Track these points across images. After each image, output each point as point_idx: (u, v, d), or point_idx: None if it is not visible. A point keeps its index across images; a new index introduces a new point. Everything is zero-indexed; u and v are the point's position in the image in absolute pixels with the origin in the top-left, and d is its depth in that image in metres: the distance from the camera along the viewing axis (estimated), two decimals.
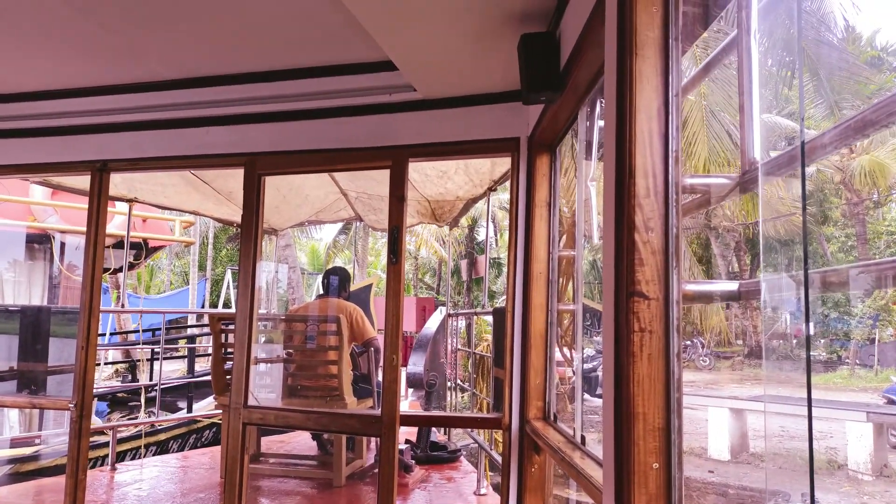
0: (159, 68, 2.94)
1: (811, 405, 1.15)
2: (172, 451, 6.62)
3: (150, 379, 8.99)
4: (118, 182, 4.33)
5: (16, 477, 5.14)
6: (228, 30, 2.55)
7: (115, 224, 7.04)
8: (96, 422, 6.82)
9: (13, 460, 5.33)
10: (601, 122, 2.01)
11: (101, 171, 3.24)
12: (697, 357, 18.78)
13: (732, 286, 1.35)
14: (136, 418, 7.93)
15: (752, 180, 1.33)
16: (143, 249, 8.39)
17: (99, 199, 3.24)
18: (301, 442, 5.33)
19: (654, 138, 1.33)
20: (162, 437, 6.69)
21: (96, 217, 3.24)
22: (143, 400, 7.47)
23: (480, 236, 24.38)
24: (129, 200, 4.67)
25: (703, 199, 1.41)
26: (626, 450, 1.30)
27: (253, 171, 3.01)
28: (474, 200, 4.50)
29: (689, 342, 19.23)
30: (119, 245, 7.39)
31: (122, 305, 6.01)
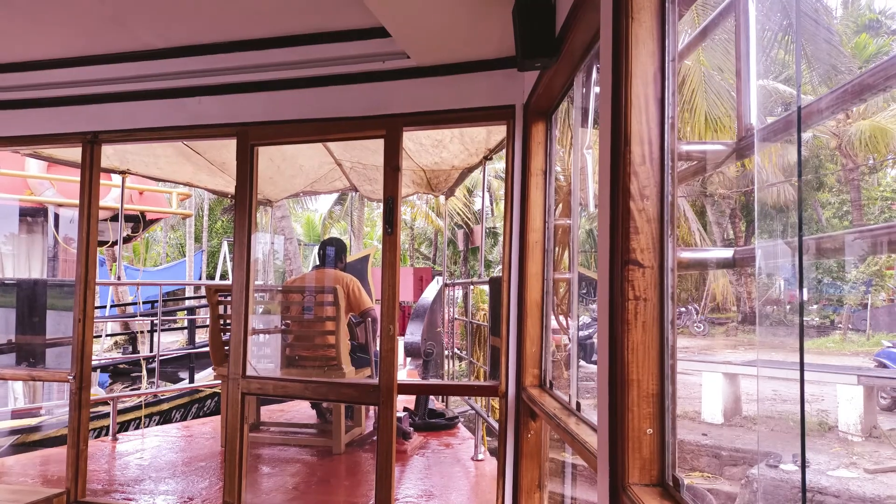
0: (149, 37, 2.89)
1: (803, 369, 1.16)
2: (175, 421, 6.69)
3: (151, 350, 9.05)
4: (110, 154, 4.29)
5: (21, 447, 5.19)
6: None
7: (113, 197, 7.03)
8: (99, 392, 6.89)
9: (17, 431, 5.39)
10: (597, 89, 1.99)
11: (91, 142, 3.21)
12: (692, 323, 18.93)
13: (727, 253, 1.35)
14: (138, 389, 8.00)
15: (748, 146, 1.32)
16: (140, 222, 8.38)
17: (91, 171, 3.21)
18: (300, 411, 5.39)
19: (650, 104, 1.31)
20: (165, 406, 6.75)
21: (89, 189, 3.22)
22: (144, 371, 7.53)
23: (476, 206, 24.33)
24: (122, 172, 4.63)
25: (699, 167, 1.41)
26: (620, 416, 1.31)
27: (245, 141, 2.98)
28: (470, 169, 4.48)
29: (683, 309, 19.37)
30: (116, 218, 7.37)
31: (119, 278, 6.01)
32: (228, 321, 4.18)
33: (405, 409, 4.81)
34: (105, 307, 11.17)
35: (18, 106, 3.30)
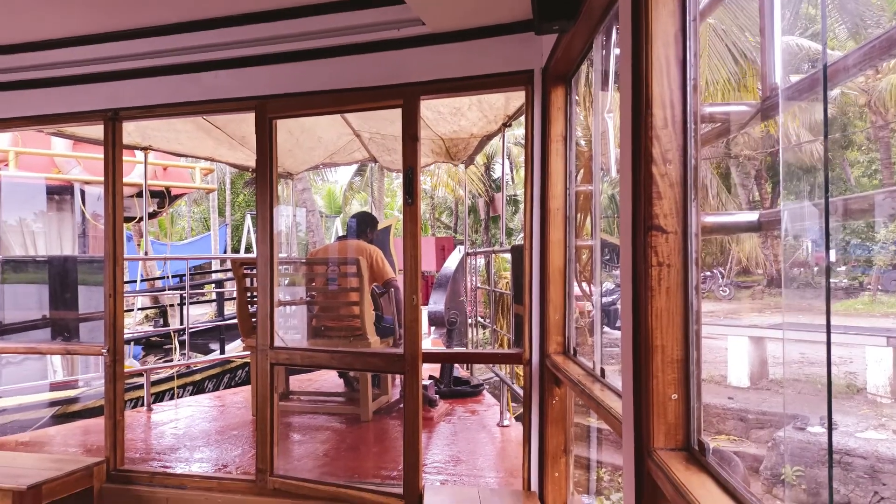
0: (165, 12, 2.88)
1: (830, 330, 1.14)
2: (208, 391, 6.88)
3: (181, 323, 9.26)
4: (132, 130, 4.33)
5: (62, 418, 5.38)
6: None
7: (138, 173, 7.13)
8: (133, 364, 7.09)
9: (56, 403, 5.58)
10: (617, 51, 1.95)
11: (112, 119, 3.24)
12: (717, 287, 18.75)
13: (752, 217, 1.33)
14: (170, 361, 8.20)
15: (772, 107, 1.29)
16: (165, 198, 8.50)
17: (114, 148, 3.25)
18: (328, 380, 5.48)
19: (671, 66, 1.29)
20: (198, 377, 6.94)
21: (112, 166, 3.26)
22: (175, 343, 7.71)
23: (496, 173, 24.17)
24: (144, 148, 4.68)
25: (723, 128, 1.38)
26: (644, 382, 1.32)
27: (264, 114, 2.98)
28: (489, 137, 4.44)
29: (708, 273, 19.18)
30: (142, 194, 7.50)
31: (146, 253, 6.11)
32: (255, 293, 4.26)
33: (430, 377, 4.87)
34: (135, 281, 11.43)
35: (41, 85, 3.33)
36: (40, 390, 5.82)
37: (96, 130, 3.64)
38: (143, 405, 4.84)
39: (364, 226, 4.65)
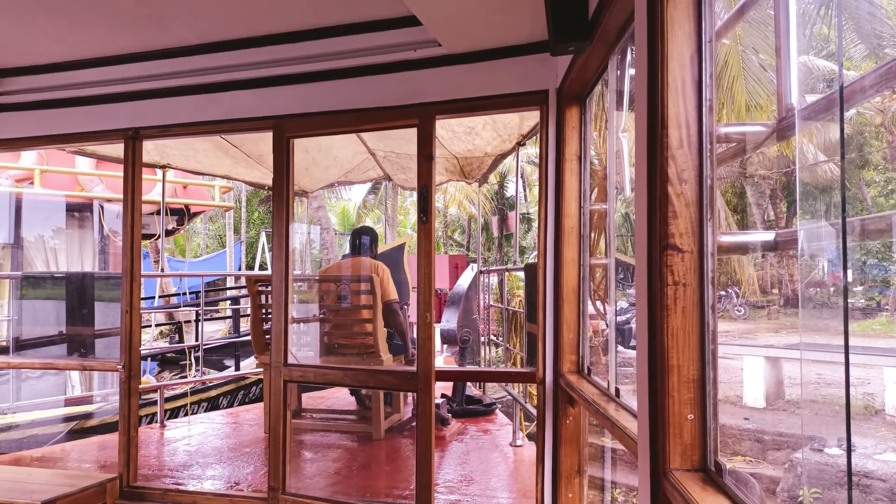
0: (185, 34, 2.95)
1: (848, 351, 1.14)
2: (222, 407, 6.90)
3: (196, 339, 9.35)
4: (150, 149, 4.40)
5: (79, 433, 5.41)
6: None
7: (158, 191, 7.28)
8: (150, 381, 7.13)
9: (72, 418, 5.61)
10: (632, 71, 1.97)
11: (133, 138, 3.29)
12: (732, 307, 18.58)
13: (769, 236, 1.33)
14: (185, 377, 8.24)
15: (789, 127, 1.29)
16: (185, 215, 8.61)
17: (133, 167, 3.30)
18: (340, 398, 5.48)
19: (687, 86, 1.30)
20: (213, 393, 6.96)
21: (132, 184, 3.31)
22: (191, 359, 7.75)
23: (510, 192, 24.20)
24: (163, 167, 4.75)
25: (739, 148, 1.38)
26: (660, 401, 1.31)
27: (281, 133, 3.03)
28: (503, 156, 4.46)
29: (723, 292, 19.02)
30: (162, 211, 7.64)
31: (162, 270, 6.18)
32: (268, 310, 4.28)
33: (443, 396, 4.86)
34: (152, 298, 11.53)
35: (63, 105, 3.41)
36: (58, 405, 5.87)
37: (117, 149, 3.71)
38: (157, 421, 4.85)
39: (373, 242, 4.67)
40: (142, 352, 6.48)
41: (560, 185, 2.62)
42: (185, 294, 12.67)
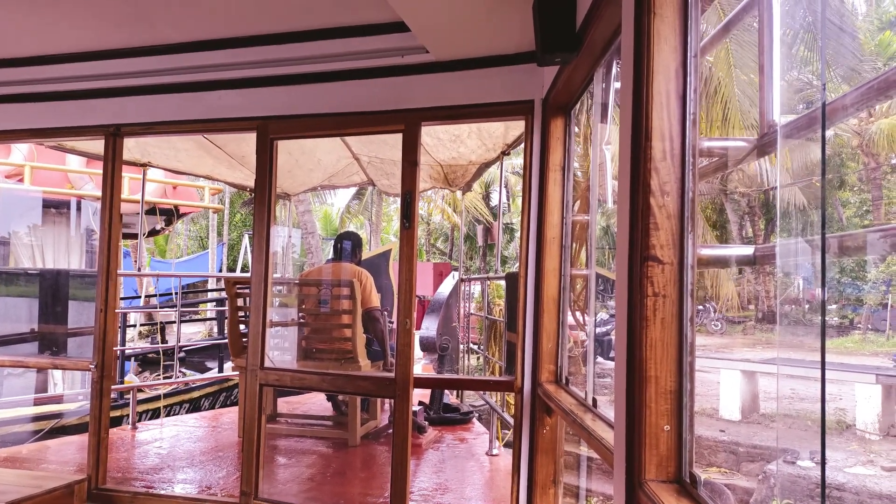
0: (170, 32, 2.92)
1: (825, 367, 1.15)
2: (204, 409, 6.82)
3: (179, 340, 9.25)
4: (131, 146, 4.35)
5: (58, 432, 5.27)
6: None
7: (149, 191, 7.25)
8: (133, 380, 7.01)
9: (51, 416, 5.48)
10: (617, 84, 1.98)
11: (114, 135, 3.25)
12: (709, 321, 18.78)
13: (748, 251, 1.34)
14: (170, 377, 8.13)
15: (770, 143, 1.31)
16: (173, 215, 8.53)
17: (113, 164, 3.26)
18: (316, 403, 5.43)
19: (671, 100, 1.31)
20: (195, 394, 6.88)
21: (111, 181, 3.27)
22: (170, 361, 7.64)
23: (494, 201, 24.29)
24: (143, 165, 4.69)
25: (720, 163, 1.40)
26: (637, 412, 1.31)
27: (265, 134, 3.00)
28: (487, 165, 4.48)
29: (701, 307, 19.23)
30: (151, 211, 7.59)
31: (139, 269, 6.09)
32: (247, 313, 4.23)
33: (420, 403, 4.84)
34: (133, 297, 11.38)
35: (44, 98, 3.35)
36: (39, 403, 5.73)
37: (97, 145, 3.66)
38: (129, 422, 4.77)
39: (356, 248, 4.65)
40: (122, 351, 6.39)
41: (543, 195, 2.63)
42: (165, 294, 12.52)
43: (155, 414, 6.02)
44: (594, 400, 2.06)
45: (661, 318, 1.29)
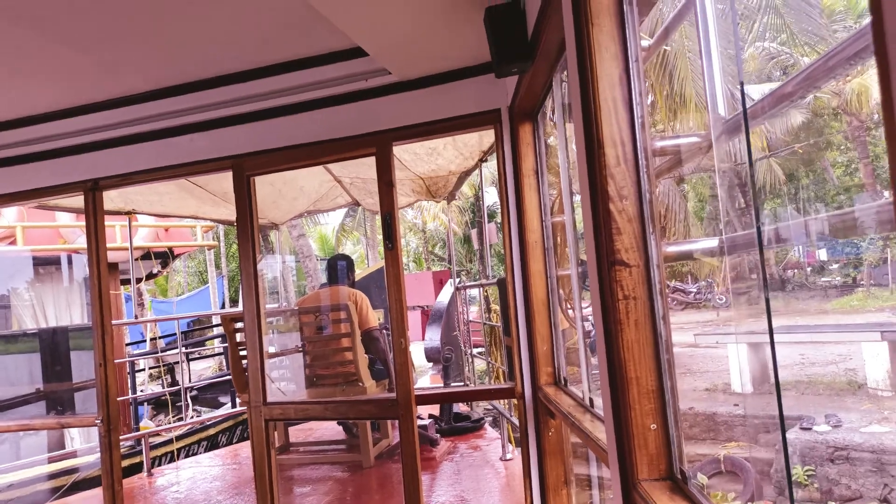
0: (136, 82, 2.95)
1: (772, 332, 1.17)
2: (222, 445, 6.82)
3: (190, 380, 9.27)
4: (114, 196, 4.37)
5: (81, 485, 5.26)
6: (199, 37, 2.54)
7: (141, 236, 7.28)
8: (148, 424, 7.02)
9: (67, 472, 5.48)
10: None
11: (93, 189, 3.27)
12: (714, 296, 18.79)
13: (712, 243, 1.37)
14: (181, 418, 8.14)
15: (724, 132, 1.33)
16: (168, 257, 8.57)
17: (95, 218, 3.28)
18: (328, 428, 5.44)
19: (618, 106, 1.33)
20: (211, 431, 6.88)
21: (95, 235, 3.28)
22: (185, 400, 7.66)
23: (487, 202, 24.32)
24: (128, 213, 4.71)
25: (675, 161, 1.42)
26: (624, 413, 1.33)
27: (241, 172, 3.03)
28: (467, 173, 4.50)
29: (703, 282, 19.23)
30: (146, 256, 7.63)
31: (136, 316, 6.10)
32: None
33: (430, 416, 4.85)
34: (139, 342, 11.41)
35: (18, 162, 3.38)
36: (54, 460, 5.72)
37: (79, 200, 3.68)
38: (160, 464, 4.76)
39: (349, 270, 4.67)
40: (135, 399, 6.40)
41: (520, 201, 2.65)
42: (170, 335, 12.53)
43: (172, 457, 6.03)
44: (591, 400, 2.08)
45: (634, 320, 1.31)
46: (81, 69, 2.74)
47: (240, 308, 3.15)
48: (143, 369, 10.77)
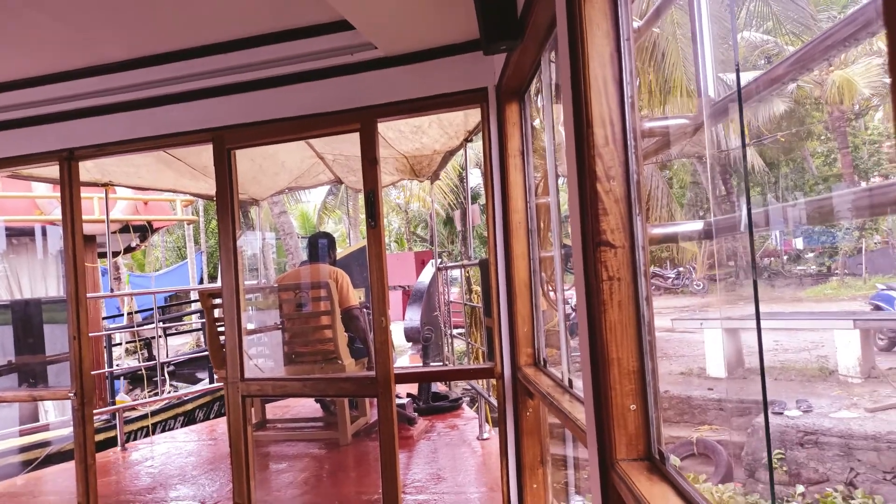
0: (114, 50, 2.87)
1: (759, 317, 1.18)
2: (199, 420, 6.80)
3: (167, 356, 9.18)
4: (90, 167, 4.27)
5: (55, 458, 5.20)
6: (180, 5, 2.47)
7: (120, 209, 7.14)
8: (125, 399, 6.96)
9: (40, 445, 5.41)
10: None
11: (68, 159, 3.20)
12: (691, 282, 19.02)
13: (697, 226, 1.37)
14: (158, 393, 8.09)
15: (712, 115, 1.32)
16: (147, 231, 8.43)
17: (70, 188, 3.20)
18: (305, 405, 5.43)
19: (608, 85, 1.31)
20: (189, 406, 6.85)
21: (70, 206, 3.21)
22: (161, 376, 7.60)
23: (471, 183, 24.27)
24: (104, 185, 4.61)
25: (664, 142, 1.41)
26: (604, 394, 1.33)
27: (221, 145, 2.97)
28: (452, 152, 4.47)
29: (682, 268, 19.42)
30: (125, 229, 7.49)
31: (112, 290, 6.01)
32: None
33: (408, 395, 4.86)
34: (117, 316, 11.26)
35: None
36: (28, 433, 5.65)
37: (55, 170, 3.60)
38: (136, 438, 4.72)
39: (330, 248, 4.63)
40: (111, 372, 6.33)
41: (505, 181, 2.63)
42: (147, 310, 12.40)
43: (147, 432, 5.99)
44: (570, 381, 2.09)
45: (617, 301, 1.31)
46: (57, 35, 2.65)
47: (218, 284, 3.10)
48: (120, 343, 10.67)
